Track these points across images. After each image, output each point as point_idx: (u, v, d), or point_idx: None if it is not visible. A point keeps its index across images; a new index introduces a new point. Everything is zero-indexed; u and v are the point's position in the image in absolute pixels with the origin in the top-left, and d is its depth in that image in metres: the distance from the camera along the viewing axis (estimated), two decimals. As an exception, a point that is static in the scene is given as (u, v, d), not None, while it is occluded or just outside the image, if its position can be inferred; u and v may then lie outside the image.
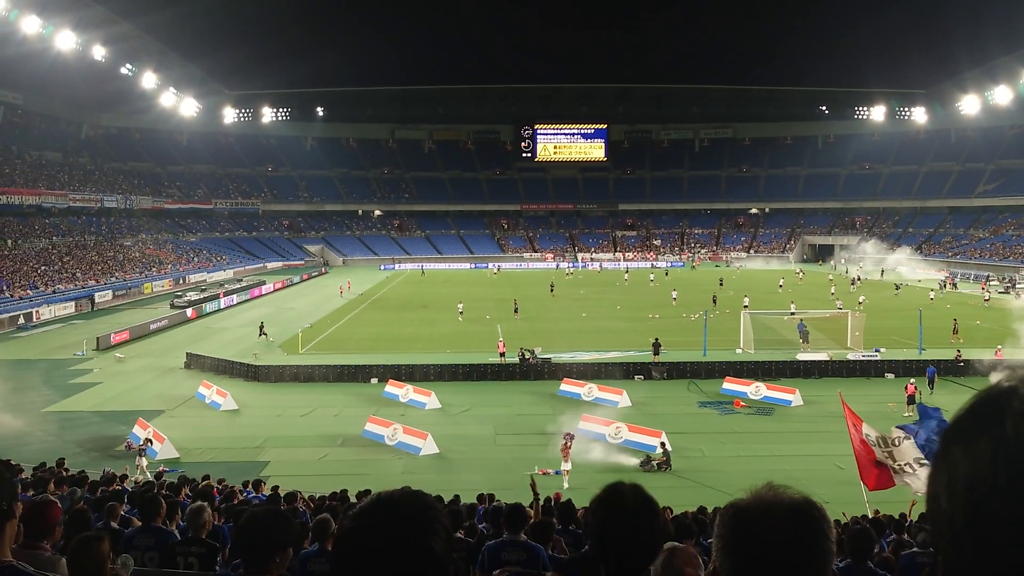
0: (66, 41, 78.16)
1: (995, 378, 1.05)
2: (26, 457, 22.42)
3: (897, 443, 15.94)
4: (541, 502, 15.63)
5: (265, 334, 47.43)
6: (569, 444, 23.89)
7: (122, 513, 9.79)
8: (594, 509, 2.72)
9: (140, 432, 27.07)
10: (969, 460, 1.02)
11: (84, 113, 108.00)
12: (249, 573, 3.93)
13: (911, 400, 29.83)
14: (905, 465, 15.46)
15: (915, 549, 9.57)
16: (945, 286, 74.91)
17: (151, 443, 25.66)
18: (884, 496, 17.06)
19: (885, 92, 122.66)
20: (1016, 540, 0.99)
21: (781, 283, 73.95)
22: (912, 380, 33.24)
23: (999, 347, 39.05)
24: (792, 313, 49.02)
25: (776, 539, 1.57)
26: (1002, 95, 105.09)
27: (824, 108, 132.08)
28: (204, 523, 7.63)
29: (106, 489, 14.25)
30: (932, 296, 64.78)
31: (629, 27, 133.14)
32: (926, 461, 14.93)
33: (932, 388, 33.40)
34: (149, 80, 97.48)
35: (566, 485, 22.39)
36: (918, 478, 15.23)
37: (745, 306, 52.81)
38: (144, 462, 24.39)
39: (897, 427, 17.52)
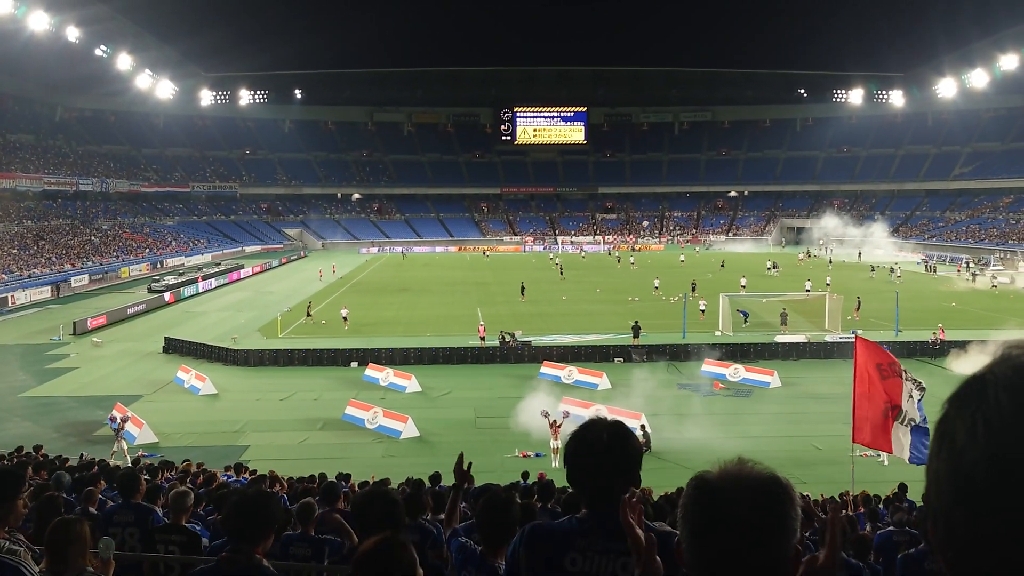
0: (39, 22, 76.82)
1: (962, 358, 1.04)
2: (2, 442, 22.25)
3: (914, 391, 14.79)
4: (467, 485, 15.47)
5: (310, 315, 48.70)
6: (560, 422, 23.99)
7: (100, 497, 9.71)
8: (569, 441, 2.84)
9: (118, 415, 26.86)
10: (962, 432, 1.02)
11: (58, 95, 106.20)
12: (239, 550, 3.97)
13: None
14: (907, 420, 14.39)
15: (891, 528, 9.68)
16: (931, 268, 76.11)
17: (126, 423, 25.45)
18: (861, 478, 17.17)
19: (863, 75, 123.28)
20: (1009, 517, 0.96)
21: (769, 265, 73.57)
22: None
23: (940, 325, 39.39)
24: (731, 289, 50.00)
25: (738, 514, 1.56)
26: (978, 79, 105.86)
27: (802, 91, 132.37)
28: (187, 507, 7.54)
29: (84, 474, 14.15)
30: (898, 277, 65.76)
31: (606, 5, 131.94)
32: (918, 424, 14.13)
33: None
34: (124, 62, 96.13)
35: (555, 464, 22.47)
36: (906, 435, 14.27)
37: (743, 287, 54.26)
38: (124, 446, 24.28)
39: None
